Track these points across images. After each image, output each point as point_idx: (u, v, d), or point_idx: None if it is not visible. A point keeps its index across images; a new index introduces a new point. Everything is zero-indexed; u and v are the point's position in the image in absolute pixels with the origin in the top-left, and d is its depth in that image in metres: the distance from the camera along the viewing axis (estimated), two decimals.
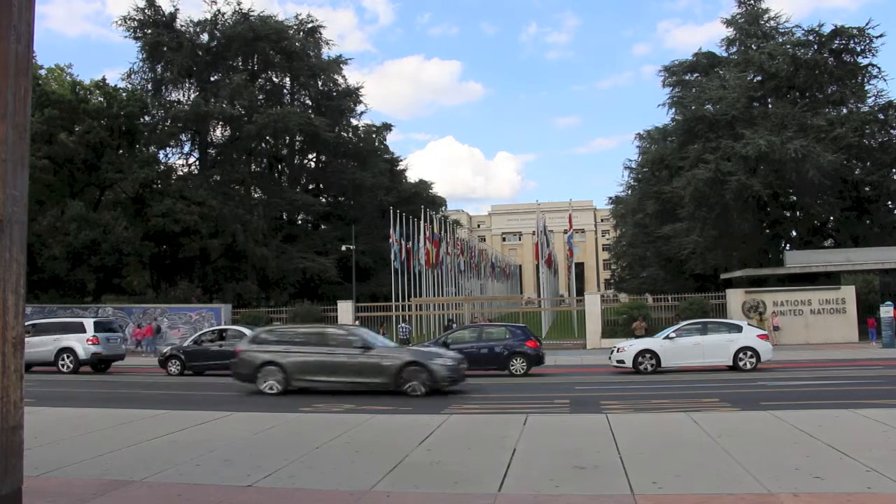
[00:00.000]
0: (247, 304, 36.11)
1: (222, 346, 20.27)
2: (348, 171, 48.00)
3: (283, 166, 50.38)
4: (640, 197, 44.14)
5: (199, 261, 39.39)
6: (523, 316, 32.64)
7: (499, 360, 18.66)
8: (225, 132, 45.56)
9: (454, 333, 20.33)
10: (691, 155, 33.83)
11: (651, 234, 43.07)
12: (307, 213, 49.42)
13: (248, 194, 45.92)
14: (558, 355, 24.16)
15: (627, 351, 18.47)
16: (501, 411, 11.41)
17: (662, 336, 18.77)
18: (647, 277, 47.37)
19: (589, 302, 29.56)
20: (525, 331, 19.57)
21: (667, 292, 32.88)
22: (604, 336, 28.14)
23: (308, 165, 52.20)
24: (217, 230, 37.74)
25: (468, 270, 47.92)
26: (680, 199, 33.96)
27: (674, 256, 39.11)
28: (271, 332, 15.62)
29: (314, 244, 45.82)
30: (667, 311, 29.11)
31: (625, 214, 53.62)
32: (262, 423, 8.85)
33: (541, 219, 38.68)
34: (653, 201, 40.03)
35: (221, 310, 31.16)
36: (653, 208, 40.17)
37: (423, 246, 36.97)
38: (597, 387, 15.50)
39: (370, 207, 48.95)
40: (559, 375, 18.85)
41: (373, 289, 45.64)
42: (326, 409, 11.94)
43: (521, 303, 44.53)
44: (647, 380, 16.60)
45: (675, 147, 37.95)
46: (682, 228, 36.20)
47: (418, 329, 33.25)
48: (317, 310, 31.04)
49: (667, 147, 40.12)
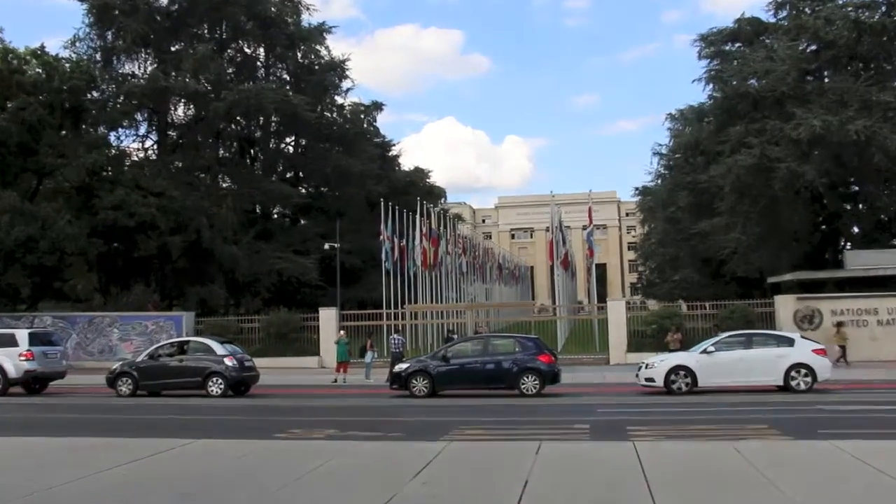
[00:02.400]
0: (213, 311, 36.02)
1: (183, 362, 20.24)
2: (332, 156, 47.96)
3: (256, 151, 50.28)
4: (672, 187, 44.05)
5: (158, 261, 39.36)
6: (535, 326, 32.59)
7: (507, 377, 18.65)
8: (188, 111, 45.57)
9: (455, 346, 20.30)
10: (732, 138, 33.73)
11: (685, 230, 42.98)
12: (284, 205, 49.36)
13: (216, 184, 45.86)
14: (576, 372, 24.12)
15: (658, 367, 18.42)
16: (510, 437, 11.34)
17: (699, 350, 18.71)
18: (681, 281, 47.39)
19: (612, 309, 29.49)
20: (537, 343, 19.57)
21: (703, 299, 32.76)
22: (630, 350, 28.00)
23: (285, 150, 52.05)
24: (179, 225, 37.68)
25: (471, 272, 47.87)
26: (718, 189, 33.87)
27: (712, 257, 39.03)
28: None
29: (292, 242, 45.74)
30: (704, 320, 29.02)
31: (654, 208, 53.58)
32: (230, 452, 8.77)
33: (556, 213, 38.54)
34: (686, 192, 39.95)
35: (183, 318, 31.10)
36: (686, 201, 40.09)
37: (420, 244, 36.90)
38: (622, 409, 15.46)
39: (358, 199, 48.85)
40: (578, 395, 18.77)
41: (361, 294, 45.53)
42: (305, 434, 11.88)
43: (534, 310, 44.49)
44: (681, 401, 16.53)
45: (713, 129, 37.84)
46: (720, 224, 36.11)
47: (413, 341, 33.15)
48: (295, 318, 30.99)
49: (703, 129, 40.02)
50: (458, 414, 15.00)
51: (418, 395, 18.71)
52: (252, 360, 21.51)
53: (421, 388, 18.83)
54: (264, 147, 49.45)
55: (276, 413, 16.00)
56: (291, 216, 52.08)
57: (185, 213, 37.70)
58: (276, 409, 17.30)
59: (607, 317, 29.40)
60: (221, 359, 20.10)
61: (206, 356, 20.36)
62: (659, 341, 27.25)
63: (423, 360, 19.89)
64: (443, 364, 19.08)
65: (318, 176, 49.49)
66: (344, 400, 19.23)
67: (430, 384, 18.86)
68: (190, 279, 39.69)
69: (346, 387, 22.87)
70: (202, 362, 20.16)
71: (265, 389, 21.45)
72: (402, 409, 16.60)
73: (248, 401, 19.25)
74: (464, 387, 19.09)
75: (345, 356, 24.21)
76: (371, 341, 25.63)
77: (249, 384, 20.83)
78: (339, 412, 16.19)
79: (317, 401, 19.06)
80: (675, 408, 15.32)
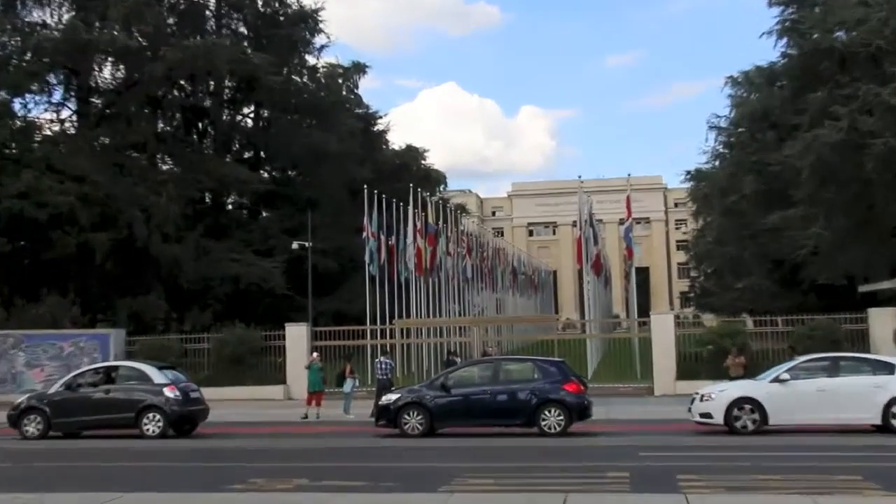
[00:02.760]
0: (150, 328, 36.09)
1: (111, 393, 20.26)
2: (303, 132, 48.07)
3: (205, 125, 50.42)
4: (734, 171, 44.00)
5: (78, 264, 39.36)
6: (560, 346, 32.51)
7: (524, 410, 18.73)
8: (117, 73, 45.66)
9: (458, 372, 20.37)
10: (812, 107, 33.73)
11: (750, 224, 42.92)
12: (242, 193, 49.50)
13: (153, 166, 45.94)
14: (612, 405, 24.11)
15: (717, 399, 18.45)
16: (527, 488, 11.35)
17: (770, 377, 18.73)
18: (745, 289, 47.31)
19: (657, 326, 29.49)
20: (562, 368, 19.63)
21: (775, 312, 32.72)
22: (680, 377, 28.03)
23: (243, 124, 52.11)
24: (105, 219, 37.74)
25: (478, 278, 47.94)
26: (795, 172, 33.87)
27: (785, 259, 38.98)
28: None
29: (252, 240, 45.90)
30: (775, 339, 29.02)
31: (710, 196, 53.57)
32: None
33: (586, 203, 38.56)
34: (752, 177, 39.93)
35: (110, 338, 31.14)
36: (752, 187, 40.05)
37: (413, 243, 36.98)
38: (671, 453, 15.45)
39: (335, 186, 48.91)
40: (614, 435, 18.71)
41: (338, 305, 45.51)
42: (267, 486, 11.91)
43: (557, 326, 44.40)
44: (746, 443, 16.51)
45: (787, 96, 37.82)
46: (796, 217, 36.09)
47: (405, 365, 33.18)
48: (255, 337, 31.04)
49: (774, 96, 40.03)
50: (462, 458, 15.02)
51: (412, 433, 18.73)
52: (200, 391, 21.51)
53: (415, 424, 18.85)
54: (216, 120, 49.59)
55: (230, 458, 15.99)
56: (251, 207, 52.13)
57: (114, 204, 37.76)
58: (230, 452, 17.30)
59: (651, 335, 29.40)
60: (160, 389, 20.09)
61: (140, 386, 20.35)
62: (717, 366, 27.21)
63: (418, 389, 19.93)
64: (442, 395, 19.11)
65: (285, 156, 49.59)
66: (317, 440, 19.21)
67: (427, 420, 18.89)
68: (120, 287, 39.75)
69: (321, 423, 22.82)
70: (135, 394, 20.15)
71: (217, 427, 21.41)
72: (392, 451, 16.58)
73: (195, 442, 19.23)
74: (469, 423, 19.13)
75: (318, 385, 24.21)
76: (351, 366, 25.64)
77: (196, 421, 20.81)
78: (312, 456, 16.20)
79: (283, 442, 19.04)
80: (739, 451, 15.33)
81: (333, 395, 25.58)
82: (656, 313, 34.11)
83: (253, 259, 43.07)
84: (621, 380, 30.85)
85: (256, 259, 43.20)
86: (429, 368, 33.93)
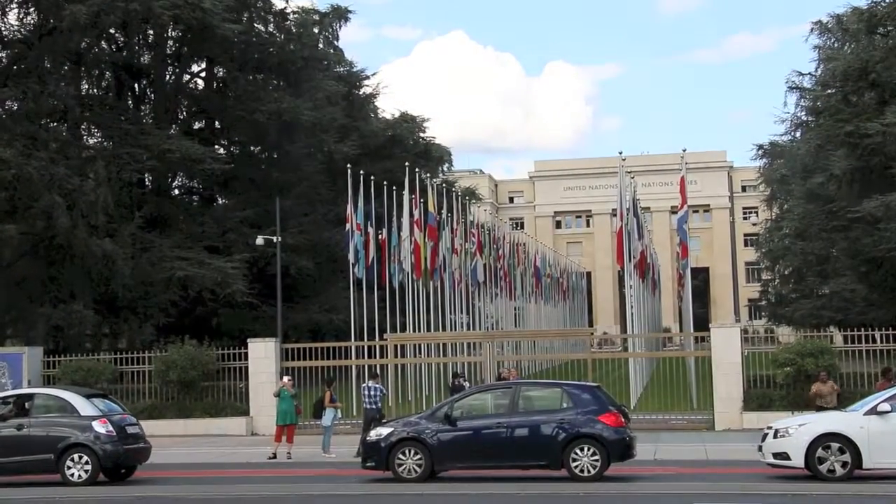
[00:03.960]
0: (75, 345, 36.20)
1: (24, 429, 20.31)
2: (268, 96, 48.13)
3: (143, 87, 50.42)
4: (820, 144, 44.08)
5: None
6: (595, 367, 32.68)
7: (549, 449, 18.79)
8: (27, 18, 45.53)
9: (466, 400, 20.47)
10: None
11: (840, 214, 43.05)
12: (191, 175, 49.57)
13: (77, 139, 45.96)
14: (661, 441, 24.18)
15: (796, 435, 18.47)
16: None
17: (865, 409, 18.76)
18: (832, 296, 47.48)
19: (720, 342, 29.41)
20: (597, 395, 19.71)
21: (872, 325, 32.81)
22: (748, 407, 28.16)
23: (191, 86, 52.09)
24: (14, 206, 37.84)
25: (492, 282, 48.04)
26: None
27: (886, 257, 39.09)
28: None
29: (205, 234, 46.06)
30: (873, 360, 29.00)
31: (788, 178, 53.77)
32: None
33: (628, 187, 38.67)
34: (845, 151, 39.87)
35: (23, 358, 31.23)
36: (844, 165, 40.04)
37: (410, 237, 37.07)
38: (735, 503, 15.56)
39: (310, 165, 48.99)
40: (663, 479, 18.82)
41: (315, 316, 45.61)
42: None
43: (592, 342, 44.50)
44: (834, 491, 16.59)
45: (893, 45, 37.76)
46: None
47: (399, 391, 33.29)
48: (209, 357, 31.14)
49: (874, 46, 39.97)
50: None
51: (407, 477, 18.82)
52: (139, 425, 21.58)
53: (411, 466, 18.93)
54: (157, 81, 49.61)
55: None
56: (203, 192, 52.19)
57: (26, 187, 37.82)
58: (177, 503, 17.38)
59: (712, 354, 29.40)
60: (88, 423, 20.11)
61: (62, 419, 20.42)
62: (796, 394, 27.28)
63: (416, 422, 19.97)
64: (446, 428, 19.18)
65: (246, 127, 49.51)
66: (289, 486, 19.31)
67: (427, 460, 18.96)
68: (34, 293, 39.84)
69: (293, 465, 22.96)
70: (56, 429, 20.21)
71: (161, 471, 21.54)
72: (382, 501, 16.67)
73: (134, 490, 19.31)
74: (479, 465, 19.24)
75: (290, 417, 24.37)
76: (332, 392, 25.75)
77: (135, 463, 20.95)
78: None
79: (245, 488, 19.11)
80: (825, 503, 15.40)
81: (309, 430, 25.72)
82: (718, 326, 34.15)
83: (206, 258, 43.12)
84: (673, 410, 30.91)
85: (211, 258, 43.26)
86: (429, 395, 34.05)
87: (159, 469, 21.63)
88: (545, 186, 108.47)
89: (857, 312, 45.39)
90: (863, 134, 37.40)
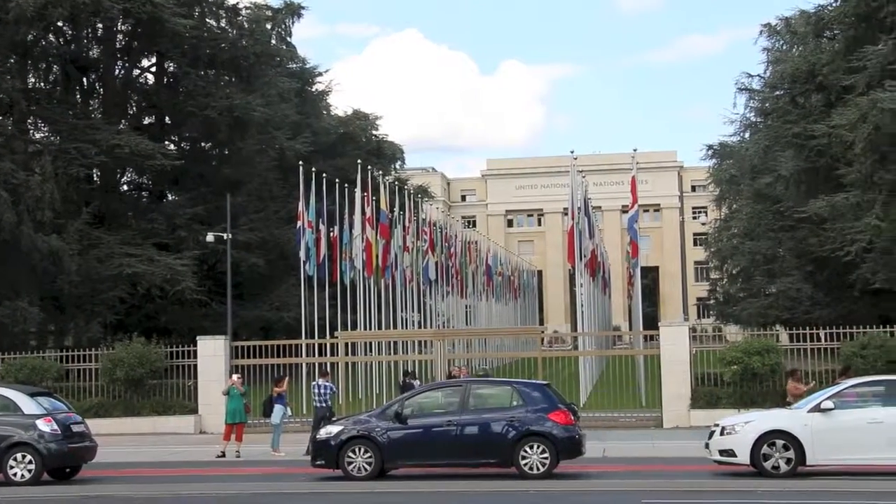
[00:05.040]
0: (19, 342, 35.71)
1: None
2: (220, 92, 47.81)
3: (92, 81, 49.87)
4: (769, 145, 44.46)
5: None
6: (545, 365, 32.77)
7: (499, 446, 18.85)
8: None
9: (416, 398, 20.47)
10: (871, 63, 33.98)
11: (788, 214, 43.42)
12: (140, 170, 49.02)
13: (23, 133, 45.35)
14: (610, 439, 24.23)
15: (741, 433, 18.53)
16: None
17: (808, 406, 18.85)
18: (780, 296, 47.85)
19: (669, 340, 29.54)
20: (547, 393, 19.79)
21: (817, 324, 33.09)
22: (696, 405, 28.22)
23: (142, 81, 51.52)
24: None
25: (444, 280, 47.98)
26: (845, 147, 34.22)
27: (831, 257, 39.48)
28: None
29: (155, 230, 45.62)
30: (817, 358, 29.28)
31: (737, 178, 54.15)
32: None
33: (580, 186, 38.67)
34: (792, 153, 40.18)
35: None
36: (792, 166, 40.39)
37: (362, 235, 36.96)
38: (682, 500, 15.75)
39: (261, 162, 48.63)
40: (612, 477, 18.83)
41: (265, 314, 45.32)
42: None
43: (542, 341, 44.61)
44: (778, 488, 16.69)
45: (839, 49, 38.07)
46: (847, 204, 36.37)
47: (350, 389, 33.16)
48: (157, 354, 30.79)
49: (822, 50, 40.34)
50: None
51: (357, 475, 18.79)
52: (85, 423, 21.38)
53: (361, 464, 18.91)
54: (106, 75, 49.16)
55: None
56: (153, 188, 51.65)
57: None
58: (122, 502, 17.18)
59: (661, 352, 29.59)
60: (32, 421, 19.92)
61: (5, 417, 20.12)
62: (743, 391, 27.50)
63: (366, 419, 19.97)
64: (397, 426, 19.17)
65: (197, 123, 49.22)
66: (238, 485, 19.22)
67: (377, 458, 18.94)
68: None
69: (241, 463, 22.85)
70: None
71: (107, 470, 21.35)
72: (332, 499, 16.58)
73: (79, 489, 19.12)
74: (429, 463, 19.26)
75: (239, 415, 24.20)
76: (282, 390, 25.62)
77: (80, 462, 20.76)
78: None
79: (194, 487, 18.97)
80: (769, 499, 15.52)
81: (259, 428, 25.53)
82: (667, 325, 34.35)
83: (155, 255, 42.74)
84: (622, 408, 30.97)
85: (160, 255, 42.89)
86: (380, 394, 33.95)
87: (105, 468, 21.41)
88: (497, 185, 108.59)
89: (803, 311, 45.79)
90: (809, 135, 37.73)
